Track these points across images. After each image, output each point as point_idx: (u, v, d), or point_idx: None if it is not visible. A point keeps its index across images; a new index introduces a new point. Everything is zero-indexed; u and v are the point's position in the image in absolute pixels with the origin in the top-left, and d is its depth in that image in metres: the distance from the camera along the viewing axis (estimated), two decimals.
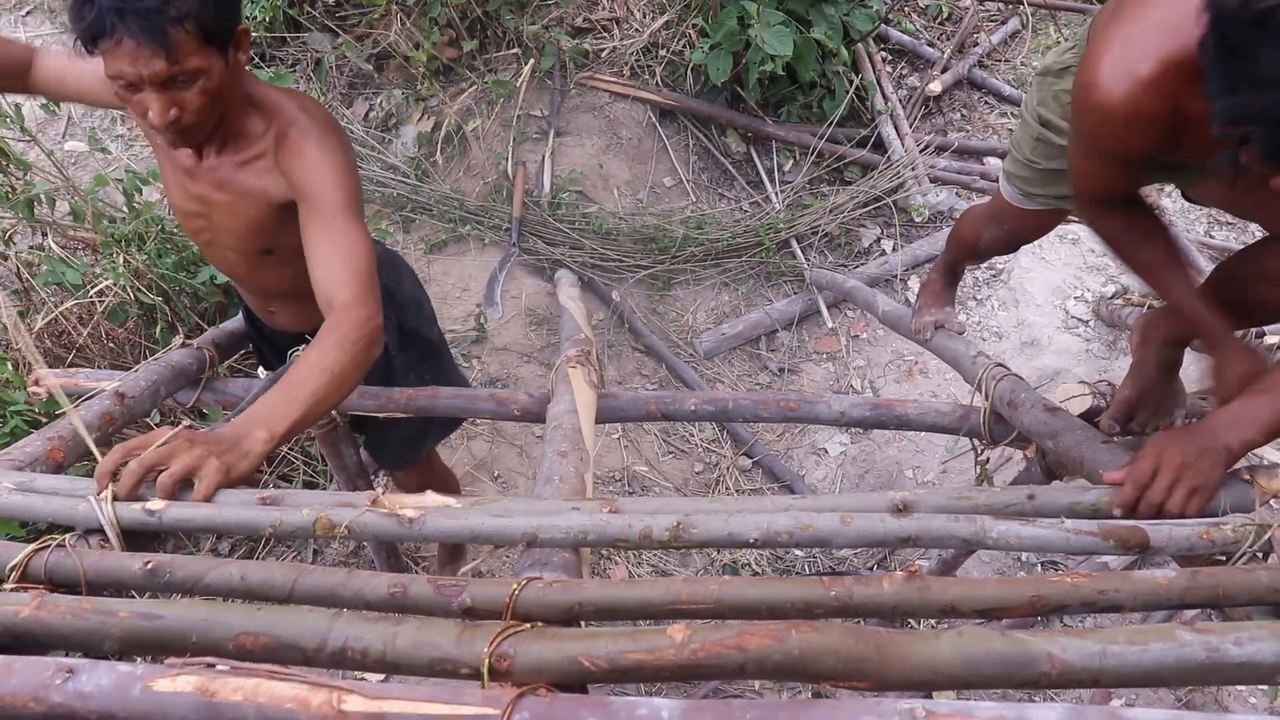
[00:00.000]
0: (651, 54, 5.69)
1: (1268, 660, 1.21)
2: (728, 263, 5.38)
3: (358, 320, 2.03)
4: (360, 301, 2.07)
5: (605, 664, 1.17)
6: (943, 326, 3.10)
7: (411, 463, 3.24)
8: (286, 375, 1.97)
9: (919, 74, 6.29)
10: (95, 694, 1.13)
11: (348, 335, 2.00)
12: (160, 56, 1.92)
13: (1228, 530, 1.63)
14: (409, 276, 2.95)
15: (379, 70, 5.70)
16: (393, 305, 2.79)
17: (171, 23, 1.90)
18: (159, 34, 1.90)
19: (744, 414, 2.59)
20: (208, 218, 2.37)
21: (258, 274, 2.53)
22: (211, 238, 2.42)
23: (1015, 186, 2.64)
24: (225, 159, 2.26)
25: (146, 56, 1.91)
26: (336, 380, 1.95)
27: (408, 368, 2.88)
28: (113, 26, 1.88)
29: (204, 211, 2.35)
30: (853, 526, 1.59)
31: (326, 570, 1.43)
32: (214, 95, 2.07)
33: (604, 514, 1.61)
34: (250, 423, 1.86)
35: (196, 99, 2.03)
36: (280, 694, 1.11)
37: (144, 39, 1.89)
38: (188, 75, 1.99)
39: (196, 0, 1.94)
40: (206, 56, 2.00)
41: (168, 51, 1.92)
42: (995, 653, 1.20)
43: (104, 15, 1.88)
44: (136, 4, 1.87)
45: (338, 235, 2.14)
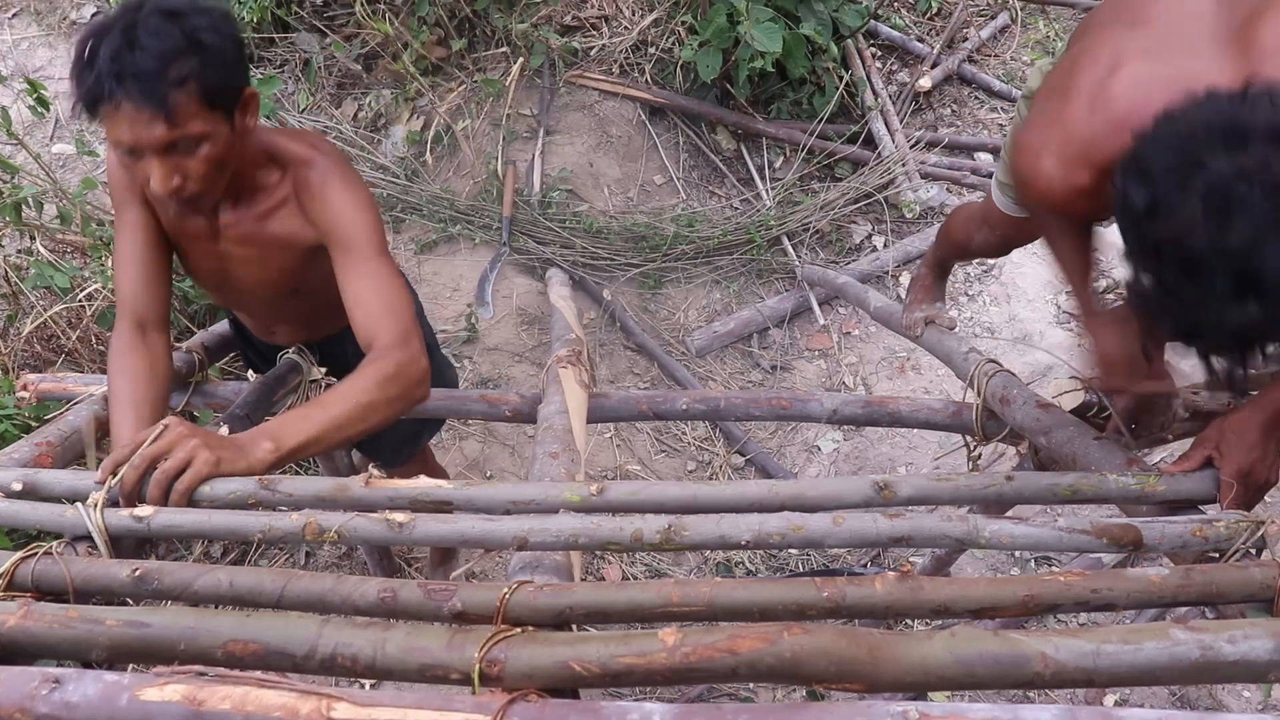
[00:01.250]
0: (641, 51, 5.68)
1: (1261, 658, 1.21)
2: (719, 260, 5.37)
3: (400, 360, 2.01)
4: (404, 343, 2.05)
5: (596, 668, 1.16)
6: (933, 322, 3.10)
7: (408, 459, 3.23)
8: (316, 398, 1.98)
9: (909, 70, 6.28)
10: (82, 704, 1.12)
11: (385, 371, 1.99)
12: (160, 121, 1.88)
13: (1220, 527, 1.63)
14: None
15: (367, 70, 5.68)
16: None
17: (171, 86, 1.87)
18: (158, 97, 1.86)
19: (736, 412, 2.58)
20: (233, 273, 2.35)
21: (275, 310, 2.52)
22: (236, 288, 2.42)
23: (1009, 196, 2.64)
24: (245, 213, 2.24)
25: (146, 121, 1.87)
26: (362, 411, 1.93)
27: None
28: (112, 91, 1.85)
29: (228, 268, 2.34)
30: (845, 527, 1.59)
31: (316, 576, 1.42)
32: (219, 162, 2.02)
33: (595, 517, 1.60)
34: (261, 433, 1.87)
35: (200, 166, 1.99)
36: (269, 702, 1.10)
37: (143, 103, 1.86)
38: (190, 140, 1.95)
39: (197, 62, 1.90)
40: (210, 121, 1.96)
41: (168, 115, 1.88)
42: (988, 653, 1.19)
43: (103, 80, 1.85)
44: (134, 67, 1.84)
45: (376, 277, 2.13)
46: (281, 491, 1.74)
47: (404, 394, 2.00)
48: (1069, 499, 1.79)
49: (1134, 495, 1.79)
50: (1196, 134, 1.41)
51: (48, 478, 1.79)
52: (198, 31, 1.92)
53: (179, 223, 2.27)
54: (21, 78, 4.07)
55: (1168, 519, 1.66)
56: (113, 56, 1.85)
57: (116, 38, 1.86)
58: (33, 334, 3.70)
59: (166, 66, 1.86)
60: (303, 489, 1.75)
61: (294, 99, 5.57)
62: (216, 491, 1.73)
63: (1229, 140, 1.38)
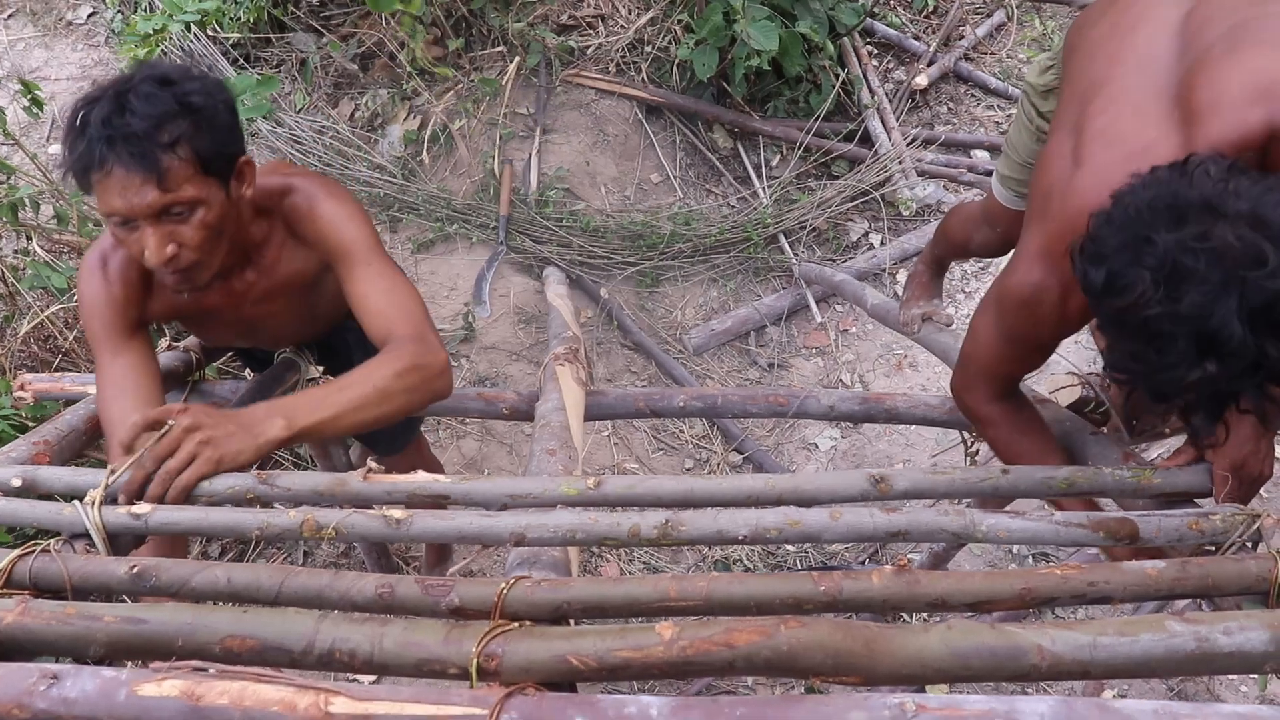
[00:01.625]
0: (637, 50, 5.68)
1: (1257, 649, 1.21)
2: (716, 259, 5.37)
3: (417, 352, 2.00)
4: (420, 336, 2.04)
5: (594, 662, 1.16)
6: (930, 318, 3.10)
7: (404, 446, 3.24)
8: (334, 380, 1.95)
9: (905, 67, 6.29)
10: (80, 700, 1.12)
11: (403, 361, 1.97)
12: (152, 184, 1.84)
13: (1217, 520, 1.63)
14: None
15: (364, 70, 5.68)
16: None
17: (163, 149, 1.84)
18: (150, 160, 1.83)
19: (733, 410, 2.58)
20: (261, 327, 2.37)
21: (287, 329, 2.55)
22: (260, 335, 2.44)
23: (1010, 189, 2.64)
24: (258, 272, 2.23)
25: (137, 185, 1.84)
26: (378, 396, 1.91)
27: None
28: (103, 157, 1.82)
29: (255, 325, 2.34)
30: (842, 521, 1.59)
31: (313, 572, 1.43)
32: (214, 229, 1.99)
33: (592, 513, 1.60)
34: (274, 409, 1.85)
35: (195, 234, 1.95)
36: (267, 697, 1.10)
37: (134, 166, 1.82)
38: (183, 206, 1.91)
39: (189, 125, 1.88)
40: (204, 186, 1.93)
41: (160, 179, 1.84)
42: (984, 646, 1.20)
43: (94, 145, 1.82)
44: (125, 130, 1.81)
45: (380, 279, 2.12)
46: (279, 486, 1.74)
47: (422, 384, 1.99)
48: (1065, 492, 1.79)
49: (1130, 488, 1.80)
50: (1142, 213, 1.50)
51: (47, 474, 1.79)
52: (189, 95, 1.90)
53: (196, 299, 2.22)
54: (17, 79, 4.07)
55: (1164, 512, 1.66)
56: (104, 121, 1.82)
57: (108, 104, 1.84)
58: (30, 334, 3.69)
59: (158, 129, 1.84)
60: (301, 483, 1.75)
61: (290, 99, 5.57)
62: (215, 486, 1.73)
63: (1171, 216, 1.47)
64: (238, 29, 5.45)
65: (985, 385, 2.13)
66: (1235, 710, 1.08)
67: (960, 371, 2.20)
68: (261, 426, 1.80)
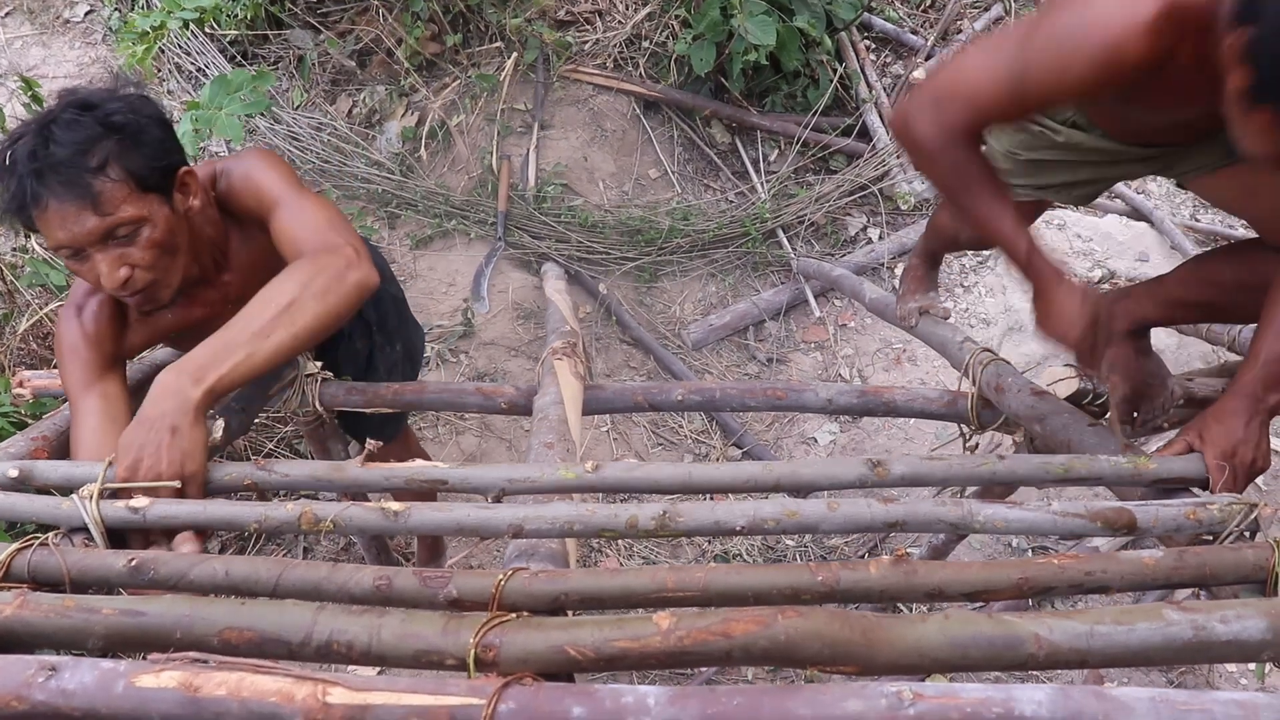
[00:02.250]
0: (635, 46, 5.68)
1: (1254, 638, 1.21)
2: (714, 253, 5.37)
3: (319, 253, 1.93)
4: (325, 240, 1.97)
5: (591, 652, 1.17)
6: (927, 312, 3.10)
7: (393, 437, 3.24)
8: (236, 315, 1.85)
9: (903, 62, 6.28)
10: (78, 691, 1.12)
11: (303, 267, 1.91)
12: (88, 210, 1.82)
13: (1214, 510, 1.63)
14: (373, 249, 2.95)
15: (362, 66, 5.68)
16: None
17: (91, 173, 1.82)
18: (80, 186, 1.81)
19: (731, 403, 2.58)
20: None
21: None
22: None
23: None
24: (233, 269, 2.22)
25: (74, 214, 1.82)
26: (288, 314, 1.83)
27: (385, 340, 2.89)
28: (35, 192, 1.80)
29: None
30: (839, 512, 1.59)
31: (311, 564, 1.43)
32: (163, 246, 1.96)
33: (590, 504, 1.61)
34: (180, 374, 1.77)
35: (145, 254, 1.93)
36: (264, 688, 1.10)
37: (66, 195, 1.80)
38: (126, 226, 1.88)
39: (114, 145, 1.85)
40: (144, 203, 1.90)
41: (94, 204, 1.82)
42: (982, 635, 1.20)
43: (24, 182, 1.80)
44: (51, 160, 1.79)
45: (294, 211, 2.06)
46: (278, 473, 1.75)
47: (334, 283, 1.90)
48: (1062, 479, 1.79)
49: (1127, 475, 1.80)
50: None
51: (44, 467, 1.79)
52: (112, 115, 1.87)
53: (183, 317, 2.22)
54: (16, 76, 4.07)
55: (1161, 502, 1.66)
56: (29, 155, 1.80)
57: (31, 138, 1.82)
58: (28, 332, 3.70)
59: (84, 154, 1.81)
60: (299, 471, 1.76)
61: (288, 96, 5.57)
62: (213, 475, 1.74)
63: None
64: (235, 26, 5.45)
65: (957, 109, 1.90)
66: (1232, 697, 1.08)
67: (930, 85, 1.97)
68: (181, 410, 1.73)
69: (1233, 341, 3.21)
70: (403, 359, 3.00)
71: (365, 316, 2.81)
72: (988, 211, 1.96)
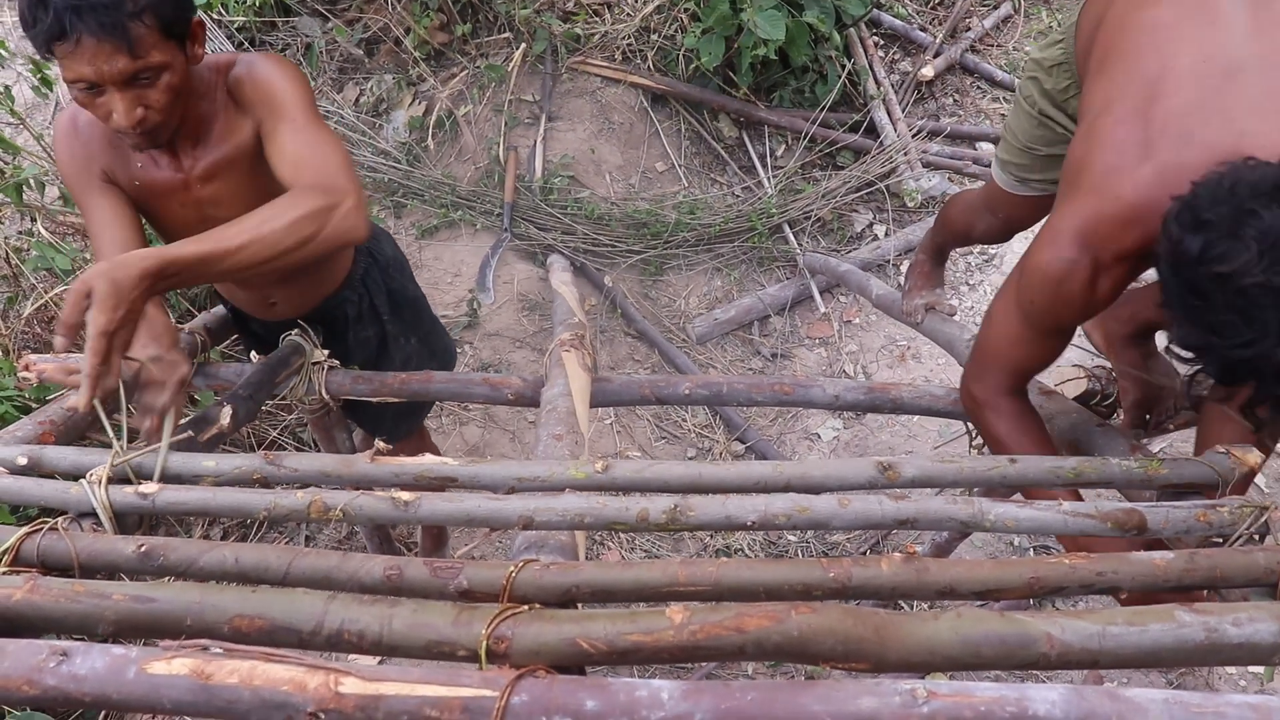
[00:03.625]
0: (643, 38, 5.67)
1: (1266, 640, 1.21)
2: (720, 248, 5.37)
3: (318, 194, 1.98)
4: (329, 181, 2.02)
5: (604, 645, 1.16)
6: (934, 308, 3.09)
7: (406, 435, 3.24)
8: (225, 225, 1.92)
9: (911, 59, 6.27)
10: (89, 677, 1.12)
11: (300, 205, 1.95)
12: (123, 53, 1.87)
13: (1225, 512, 1.63)
14: (387, 239, 2.94)
15: (369, 55, 5.67)
16: (377, 267, 2.79)
17: (130, 17, 1.86)
18: (119, 30, 1.85)
19: (737, 398, 2.58)
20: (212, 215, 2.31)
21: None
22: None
23: (1010, 174, 2.63)
24: (203, 148, 2.24)
25: (108, 54, 1.86)
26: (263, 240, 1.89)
27: (399, 332, 2.88)
28: (71, 26, 1.82)
29: (206, 215, 2.30)
30: (850, 509, 1.59)
31: (321, 553, 1.42)
32: (178, 91, 2.03)
33: (600, 497, 1.60)
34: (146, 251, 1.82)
35: (162, 96, 1.99)
36: (276, 676, 1.10)
37: (104, 36, 1.84)
38: (151, 71, 1.94)
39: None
40: (168, 50, 1.96)
41: (129, 47, 1.87)
42: (994, 634, 1.19)
43: (61, 16, 1.82)
44: (93, 0, 1.82)
45: (305, 134, 2.11)
46: (287, 467, 1.74)
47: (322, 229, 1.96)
48: (1072, 482, 1.79)
49: (1138, 479, 1.79)
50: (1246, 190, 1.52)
51: (53, 454, 1.79)
52: None
53: (146, 181, 2.26)
54: (24, 58, 4.06)
55: (1172, 504, 1.66)
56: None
57: None
58: (34, 316, 3.68)
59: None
60: (308, 465, 1.76)
61: None
62: (222, 467, 1.73)
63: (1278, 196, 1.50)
64: (243, 12, 5.44)
65: (998, 375, 2.10)
66: (1246, 700, 1.08)
67: (973, 360, 2.18)
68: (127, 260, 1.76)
69: None
70: (421, 354, 2.99)
71: (375, 304, 2.80)
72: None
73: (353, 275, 2.73)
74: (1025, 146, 2.50)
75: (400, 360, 2.90)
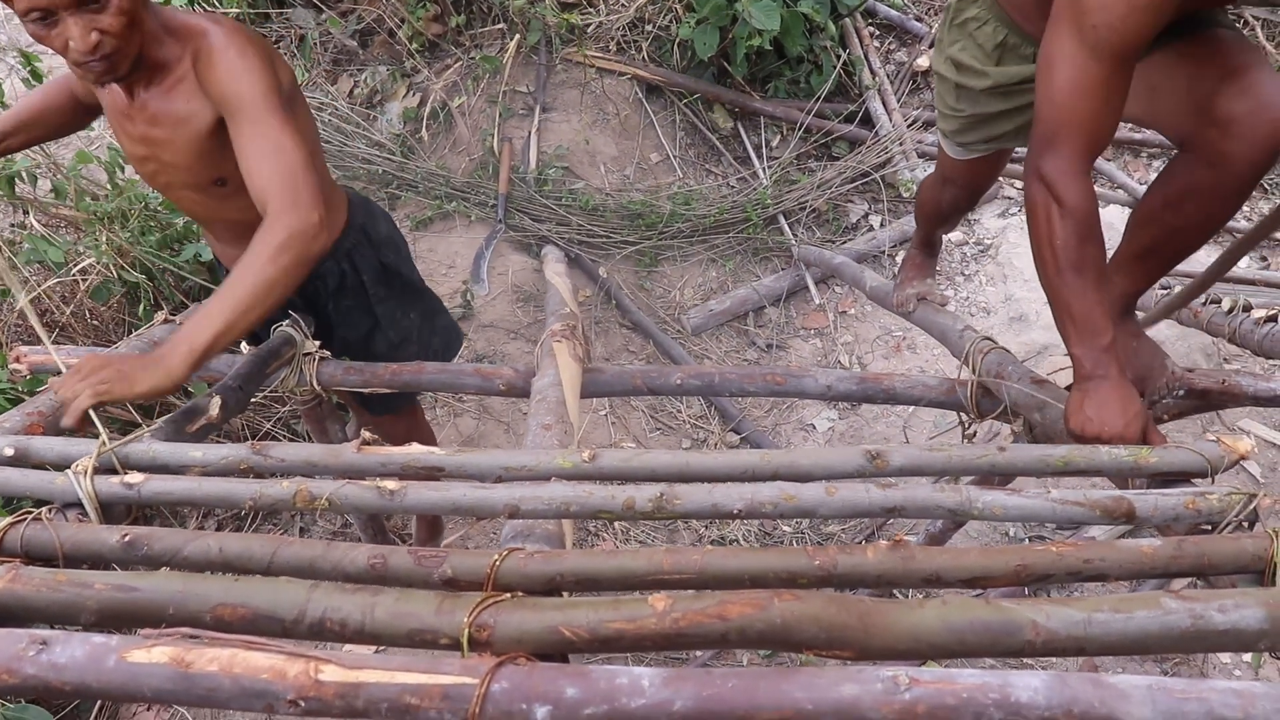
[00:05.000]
0: (638, 29, 5.67)
1: (1252, 627, 1.21)
2: (715, 239, 5.36)
3: (289, 225, 2.04)
4: (293, 204, 2.07)
5: (586, 633, 1.16)
6: (925, 299, 3.09)
7: (400, 409, 3.22)
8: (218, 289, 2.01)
9: (907, 49, 6.26)
10: (69, 665, 1.12)
11: (278, 240, 2.02)
12: None
13: (1213, 500, 1.62)
14: (384, 218, 2.93)
15: (363, 46, 5.66)
16: (369, 245, 2.78)
17: None
18: None
19: (730, 388, 2.57)
20: (155, 158, 2.37)
21: (220, 212, 2.51)
22: (166, 179, 2.43)
23: (951, 140, 2.68)
24: (153, 92, 2.26)
25: None
26: (265, 289, 1.99)
27: (393, 307, 2.86)
28: None
29: (150, 153, 2.35)
30: (837, 497, 1.58)
31: (306, 542, 1.42)
32: (131, 17, 2.05)
33: (587, 485, 1.60)
34: (176, 340, 1.94)
35: (115, 21, 2.01)
36: (256, 664, 1.09)
37: None
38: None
39: None
40: None
41: None
42: (979, 621, 1.19)
43: None
44: None
45: (266, 135, 2.14)
46: (273, 457, 1.74)
47: (300, 258, 2.05)
48: (1061, 470, 1.78)
49: (1127, 467, 1.79)
50: None
51: (40, 444, 1.79)
52: None
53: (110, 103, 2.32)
54: (16, 51, 4.05)
55: (1161, 491, 1.65)
56: None
57: None
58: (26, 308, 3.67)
59: None
60: (295, 454, 1.75)
61: None
62: (208, 457, 1.73)
63: None
64: (237, 4, 5.42)
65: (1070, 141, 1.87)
66: (1229, 686, 1.07)
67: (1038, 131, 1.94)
68: (167, 359, 1.90)
69: (1233, 332, 3.20)
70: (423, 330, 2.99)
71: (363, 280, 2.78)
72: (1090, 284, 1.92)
73: (339, 246, 2.71)
74: (953, 110, 2.57)
75: (398, 337, 2.88)
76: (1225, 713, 1.05)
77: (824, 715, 1.06)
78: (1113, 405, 1.89)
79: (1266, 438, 4.54)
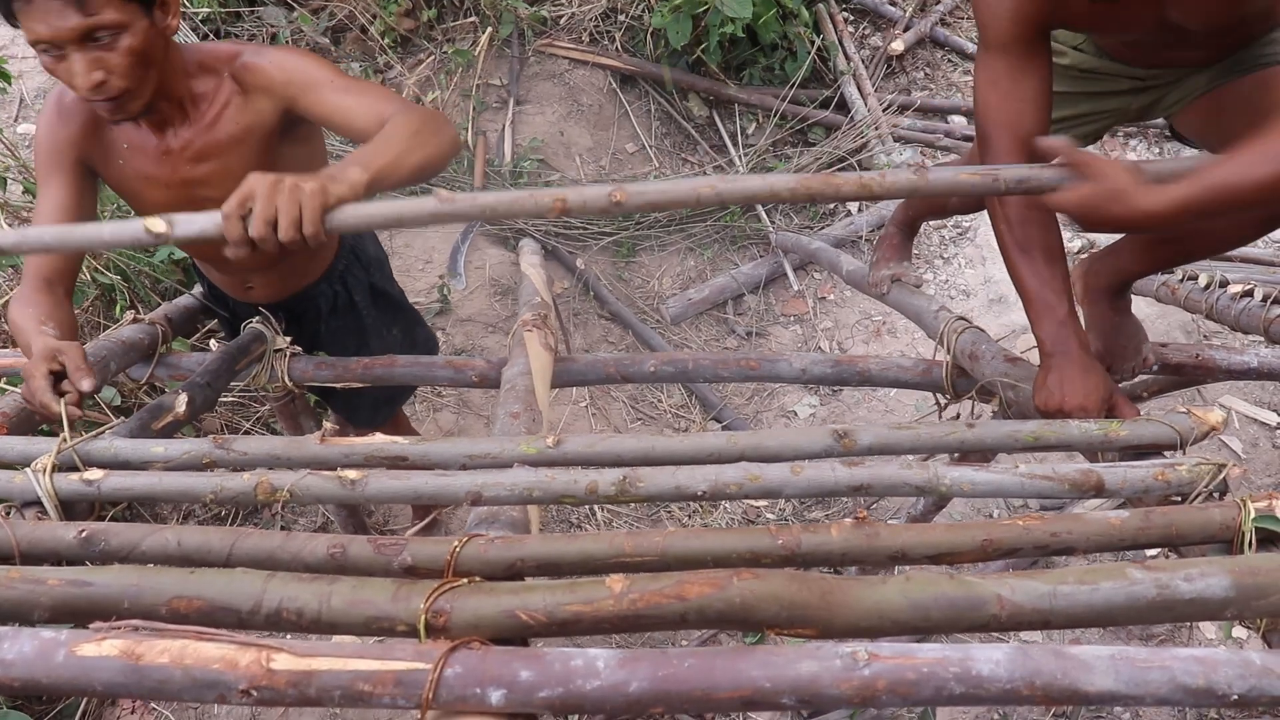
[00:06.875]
0: (610, 19, 5.65)
1: (1217, 595, 1.20)
2: (692, 227, 5.35)
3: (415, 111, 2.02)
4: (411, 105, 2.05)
5: (543, 616, 1.14)
6: (899, 280, 3.08)
7: (386, 420, 3.22)
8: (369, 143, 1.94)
9: (881, 33, 6.26)
10: (18, 661, 1.10)
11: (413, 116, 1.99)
12: (72, 8, 1.86)
13: (1183, 471, 1.61)
14: (370, 238, 2.94)
15: (336, 43, 5.64)
16: (361, 266, 2.79)
17: None
18: None
19: (704, 374, 2.56)
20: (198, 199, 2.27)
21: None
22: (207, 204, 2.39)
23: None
24: (194, 127, 2.22)
25: (59, 10, 1.86)
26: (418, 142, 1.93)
27: (380, 325, 2.87)
28: None
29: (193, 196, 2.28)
30: (803, 476, 1.57)
31: (265, 533, 1.40)
32: (140, 56, 2.00)
33: (549, 470, 1.58)
34: (347, 163, 1.82)
35: (121, 60, 1.97)
36: (207, 655, 1.08)
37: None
38: (107, 30, 1.92)
39: None
40: (125, 10, 1.94)
41: (79, 3, 1.86)
42: (943, 596, 1.18)
43: None
44: None
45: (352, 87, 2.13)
46: (237, 450, 1.72)
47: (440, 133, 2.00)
48: (1031, 446, 1.77)
49: (1097, 441, 1.78)
50: None
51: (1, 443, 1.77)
52: None
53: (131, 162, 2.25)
54: None
55: (1130, 464, 1.64)
56: None
57: None
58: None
59: None
60: (258, 448, 1.74)
61: None
62: (170, 451, 1.71)
63: None
64: (208, 3, 5.40)
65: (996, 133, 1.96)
66: (1192, 653, 1.06)
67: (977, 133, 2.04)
68: (344, 175, 1.77)
69: (1210, 308, 3.20)
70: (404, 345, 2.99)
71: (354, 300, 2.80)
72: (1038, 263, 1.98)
73: (332, 269, 2.73)
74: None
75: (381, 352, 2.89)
76: (1187, 680, 1.05)
77: (782, 693, 1.05)
78: (1074, 378, 1.91)
79: (1248, 413, 4.55)
